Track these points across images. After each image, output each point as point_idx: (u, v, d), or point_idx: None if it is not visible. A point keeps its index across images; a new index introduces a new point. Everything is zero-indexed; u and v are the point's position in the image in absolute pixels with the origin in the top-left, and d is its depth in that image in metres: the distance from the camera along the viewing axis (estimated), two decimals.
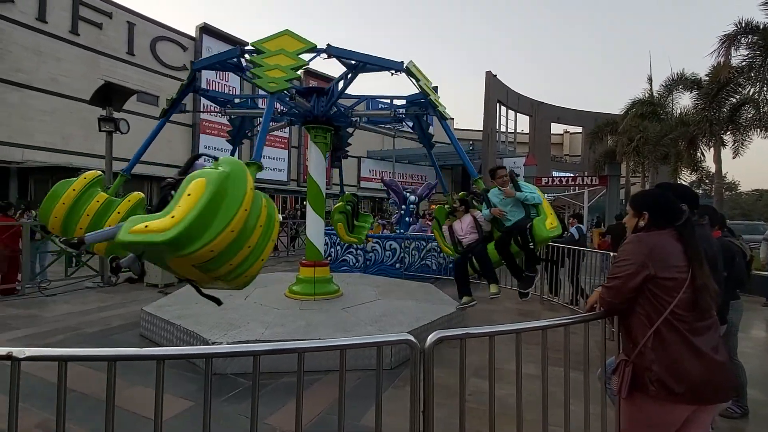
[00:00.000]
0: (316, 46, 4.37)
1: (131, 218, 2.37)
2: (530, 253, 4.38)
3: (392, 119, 6.79)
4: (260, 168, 3.39)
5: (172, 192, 2.76)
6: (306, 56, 4.33)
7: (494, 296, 4.74)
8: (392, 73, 4.97)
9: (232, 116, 6.32)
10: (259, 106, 6.79)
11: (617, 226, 10.05)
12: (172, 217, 2.22)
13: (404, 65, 4.93)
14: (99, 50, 21.38)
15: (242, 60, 4.82)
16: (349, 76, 5.18)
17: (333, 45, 4.60)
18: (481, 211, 4.82)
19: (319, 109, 5.60)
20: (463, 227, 4.85)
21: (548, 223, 4.24)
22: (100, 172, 4.13)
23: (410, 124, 6.87)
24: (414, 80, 5.08)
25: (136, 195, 4.15)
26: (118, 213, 3.87)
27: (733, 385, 1.79)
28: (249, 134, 7.08)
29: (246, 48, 4.55)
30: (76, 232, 3.79)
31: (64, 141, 19.74)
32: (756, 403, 3.55)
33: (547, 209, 4.37)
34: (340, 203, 6.87)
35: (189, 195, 2.30)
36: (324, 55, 4.56)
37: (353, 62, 4.96)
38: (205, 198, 2.29)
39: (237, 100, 6.72)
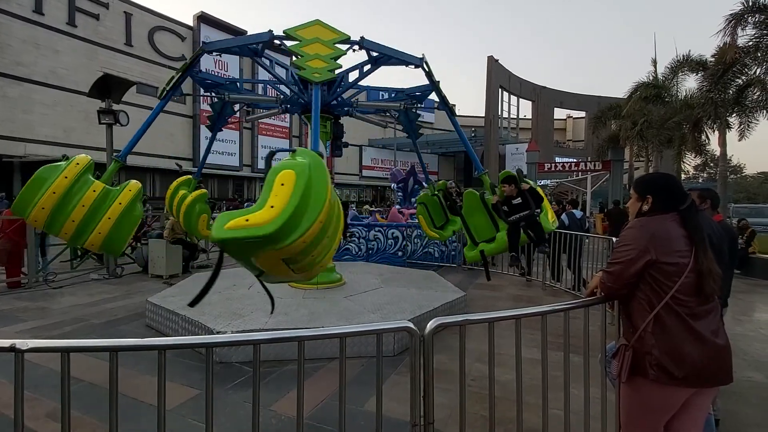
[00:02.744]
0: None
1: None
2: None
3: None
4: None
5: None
6: (345, 47, 4.43)
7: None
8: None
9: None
10: (259, 92, 6.73)
11: (615, 210, 10.48)
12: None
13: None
14: (97, 42, 21.26)
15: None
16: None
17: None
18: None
19: (322, 97, 5.57)
20: None
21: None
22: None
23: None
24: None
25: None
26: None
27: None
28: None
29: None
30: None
31: (66, 134, 19.77)
32: (759, 386, 3.57)
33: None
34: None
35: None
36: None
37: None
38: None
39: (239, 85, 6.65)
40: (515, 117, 33.46)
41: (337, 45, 4.21)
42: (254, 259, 2.37)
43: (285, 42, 4.53)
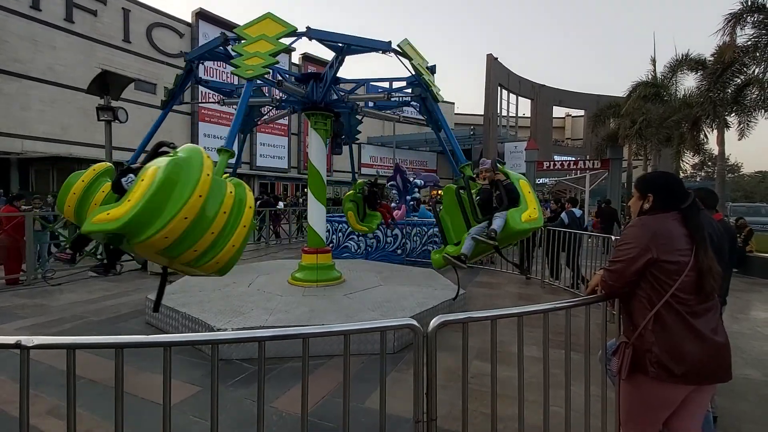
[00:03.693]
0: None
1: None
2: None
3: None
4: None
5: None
6: (289, 40, 4.27)
7: None
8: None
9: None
10: (266, 94, 6.73)
11: (606, 209, 11.50)
12: (128, 201, 2.28)
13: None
14: (95, 38, 21.16)
15: (228, 48, 4.68)
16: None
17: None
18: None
19: (317, 94, 5.56)
20: None
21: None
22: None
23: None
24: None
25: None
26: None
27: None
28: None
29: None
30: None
31: (64, 131, 19.68)
32: (756, 383, 3.60)
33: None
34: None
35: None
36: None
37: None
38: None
39: (239, 90, 6.64)
40: (514, 115, 33.45)
41: (281, 39, 4.10)
42: (135, 249, 2.47)
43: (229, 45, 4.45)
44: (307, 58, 30.71)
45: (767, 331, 5.09)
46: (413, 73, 5.13)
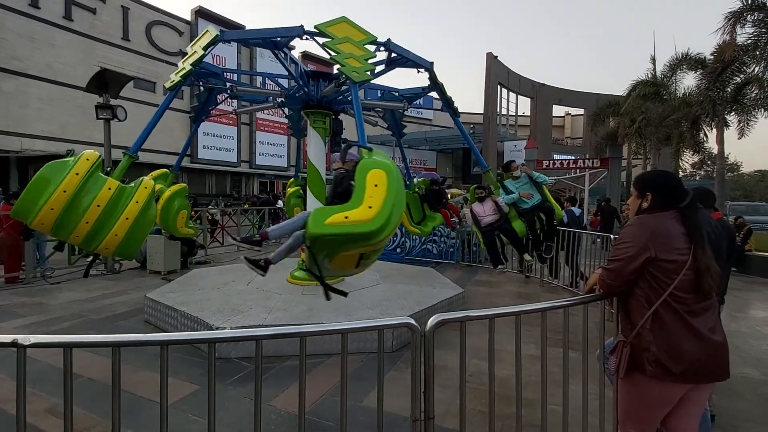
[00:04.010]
0: (377, 39, 4.48)
1: (318, 209, 2.50)
2: (552, 229, 5.42)
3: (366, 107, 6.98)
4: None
5: (352, 182, 2.83)
6: (373, 48, 4.49)
7: (529, 262, 6.13)
8: (418, 71, 5.31)
9: (200, 90, 6.18)
10: (257, 84, 6.72)
11: (606, 207, 11.73)
12: (370, 207, 2.37)
13: (432, 65, 5.24)
14: (94, 36, 21.11)
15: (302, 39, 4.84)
16: (380, 68, 5.26)
17: (392, 41, 4.75)
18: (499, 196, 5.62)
19: (320, 93, 5.56)
20: (485, 210, 5.66)
21: (557, 207, 5.14)
22: (98, 153, 3.53)
23: (381, 113, 6.98)
24: (434, 79, 5.44)
25: (149, 181, 3.72)
26: (137, 203, 3.42)
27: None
28: (211, 110, 6.64)
29: (308, 30, 4.51)
30: (81, 226, 3.16)
31: (62, 129, 19.66)
32: (754, 382, 3.60)
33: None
34: (295, 188, 7.10)
35: (376, 186, 2.45)
36: (382, 48, 4.73)
37: (393, 56, 5.09)
38: (393, 189, 2.46)
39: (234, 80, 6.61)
40: (514, 114, 33.41)
41: (365, 46, 4.26)
42: (337, 252, 2.56)
43: (316, 39, 4.47)
44: (307, 56, 30.67)
45: (766, 330, 5.10)
46: (441, 92, 5.77)
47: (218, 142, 26.95)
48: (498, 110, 30.25)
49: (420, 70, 5.39)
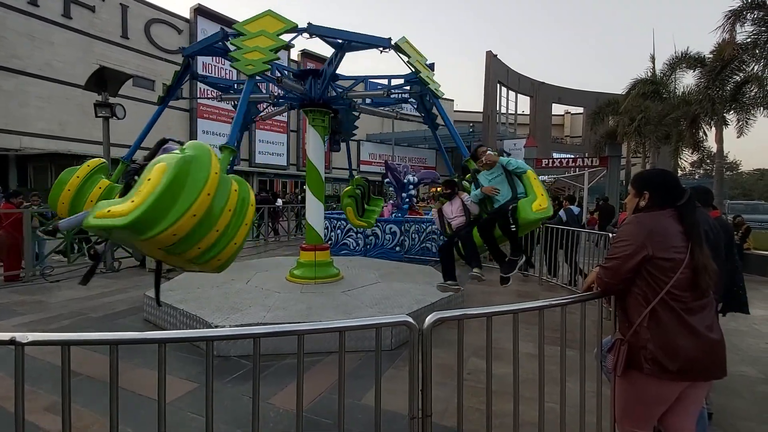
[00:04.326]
0: (296, 26, 4.27)
1: (98, 203, 2.39)
2: (512, 236, 3.99)
3: (396, 100, 6.68)
4: (234, 152, 3.38)
5: (136, 177, 2.76)
6: (289, 37, 4.27)
7: (475, 276, 4.45)
8: (381, 50, 4.89)
9: (236, 102, 6.24)
10: (263, 91, 6.72)
11: (604, 205, 11.36)
12: (132, 201, 2.26)
13: (392, 41, 4.78)
14: (93, 34, 21.04)
15: (227, 44, 4.66)
16: (338, 56, 5.10)
17: (314, 24, 4.52)
18: (469, 193, 4.63)
19: (315, 91, 5.55)
20: (453, 210, 4.70)
21: (536, 205, 3.86)
22: (103, 160, 4.14)
23: (414, 104, 6.70)
24: (404, 57, 4.91)
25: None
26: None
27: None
28: (254, 119, 7.01)
29: (228, 31, 4.46)
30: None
31: (62, 127, 19.61)
32: (751, 380, 3.61)
33: (537, 188, 3.94)
34: (349, 187, 6.87)
35: (149, 180, 2.32)
36: (306, 35, 4.49)
37: (339, 41, 4.88)
38: (164, 183, 2.29)
39: (237, 86, 6.63)
40: (513, 112, 33.40)
41: (282, 36, 4.09)
42: (136, 246, 2.49)
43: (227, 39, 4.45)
44: (306, 54, 30.60)
45: (764, 328, 5.11)
46: (411, 70, 5.12)
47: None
48: (497, 109, 30.24)
49: (381, 49, 4.91)
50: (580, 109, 35.80)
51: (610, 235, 6.22)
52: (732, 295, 3.11)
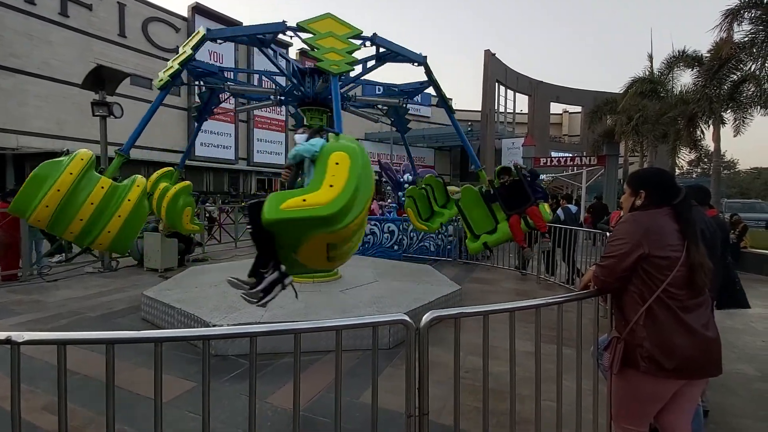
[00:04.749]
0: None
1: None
2: (257, 244, 2.80)
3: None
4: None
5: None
6: (358, 41, 4.50)
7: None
8: (413, 64, 5.24)
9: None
10: (254, 83, 6.72)
11: (597, 204, 12.15)
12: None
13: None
14: (90, 32, 20.99)
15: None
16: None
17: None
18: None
19: (317, 90, 5.56)
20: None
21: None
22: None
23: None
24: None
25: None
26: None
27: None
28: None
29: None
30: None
31: (59, 126, 19.56)
32: (748, 378, 3.63)
33: (335, 176, 2.55)
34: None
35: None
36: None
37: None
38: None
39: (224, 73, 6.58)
40: (512, 111, 33.41)
41: (350, 39, 4.26)
42: (302, 242, 2.28)
43: (299, 34, 4.52)
44: (304, 53, 30.56)
45: (760, 326, 5.13)
46: (436, 86, 5.83)
47: (216, 140, 26.84)
48: (496, 107, 30.25)
49: (414, 64, 5.38)
50: (578, 108, 35.82)
51: (607, 234, 6.24)
52: (731, 293, 3.14)
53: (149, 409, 1.68)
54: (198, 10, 25.55)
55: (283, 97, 6.15)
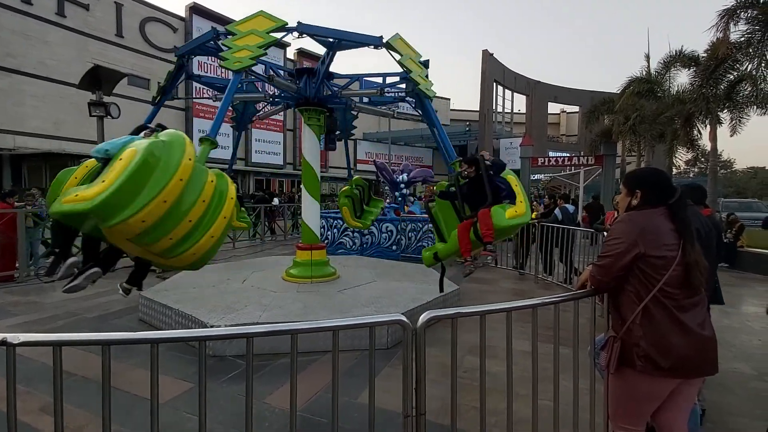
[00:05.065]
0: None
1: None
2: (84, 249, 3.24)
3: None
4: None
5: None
6: (279, 34, 4.29)
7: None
8: (374, 48, 4.87)
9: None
10: (259, 90, 6.74)
11: (594, 204, 12.11)
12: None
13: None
14: (87, 33, 20.92)
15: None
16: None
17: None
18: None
19: (310, 90, 5.54)
20: None
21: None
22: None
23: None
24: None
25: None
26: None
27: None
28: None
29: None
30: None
31: (56, 127, 19.49)
32: (744, 377, 3.64)
33: (111, 171, 2.35)
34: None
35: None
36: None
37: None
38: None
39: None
40: (509, 111, 33.45)
41: (271, 33, 4.11)
42: (101, 236, 2.38)
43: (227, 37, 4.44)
44: (302, 53, 30.54)
45: (756, 325, 5.15)
46: (403, 69, 5.09)
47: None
48: (494, 107, 30.29)
49: (371, 47, 4.88)
50: (576, 108, 35.89)
51: (604, 234, 6.26)
52: (713, 291, 3.16)
53: (146, 410, 1.68)
54: (195, 10, 25.50)
55: (287, 101, 6.16)
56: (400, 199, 11.71)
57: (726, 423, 2.90)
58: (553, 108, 37.22)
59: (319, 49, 4.62)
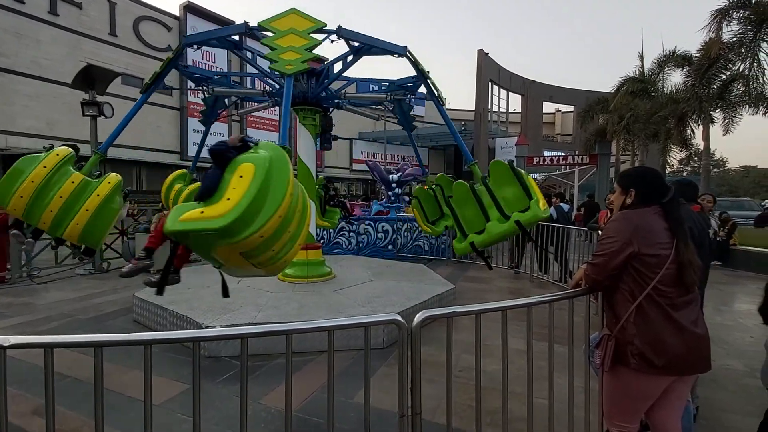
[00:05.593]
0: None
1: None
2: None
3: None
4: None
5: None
6: (321, 36, 4.32)
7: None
8: (397, 56, 5.01)
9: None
10: (247, 85, 6.69)
11: (589, 202, 12.33)
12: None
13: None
14: (80, 31, 20.72)
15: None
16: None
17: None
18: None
19: (311, 90, 5.53)
20: None
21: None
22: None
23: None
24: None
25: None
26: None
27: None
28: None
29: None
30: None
31: (49, 126, 19.30)
32: (737, 373, 3.67)
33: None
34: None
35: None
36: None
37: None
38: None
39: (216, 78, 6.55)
40: (505, 111, 33.54)
41: (312, 35, 4.11)
42: (212, 251, 2.35)
43: (263, 33, 4.46)
44: None
45: (749, 322, 5.19)
46: (418, 75, 5.36)
47: (209, 139, 26.63)
48: (489, 107, 30.36)
49: (394, 55, 5.07)
50: (571, 108, 36.04)
51: (599, 232, 6.29)
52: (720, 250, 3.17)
53: (140, 412, 1.67)
54: (190, 9, 25.32)
55: (276, 98, 6.12)
56: (393, 198, 11.70)
57: (719, 419, 2.92)
58: (548, 107, 37.35)
59: (319, 49, 4.59)
